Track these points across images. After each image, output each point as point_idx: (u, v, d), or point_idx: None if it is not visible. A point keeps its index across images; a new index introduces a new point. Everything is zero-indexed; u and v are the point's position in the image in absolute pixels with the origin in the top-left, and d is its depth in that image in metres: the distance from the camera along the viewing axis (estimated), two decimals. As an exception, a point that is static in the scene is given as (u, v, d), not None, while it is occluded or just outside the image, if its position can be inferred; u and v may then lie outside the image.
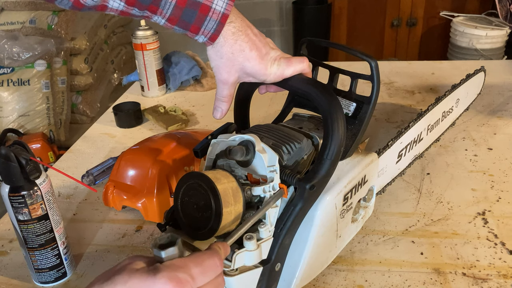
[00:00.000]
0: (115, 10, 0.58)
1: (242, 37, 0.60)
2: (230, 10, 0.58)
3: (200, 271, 0.43)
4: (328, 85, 0.73)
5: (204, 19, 0.58)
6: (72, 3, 0.56)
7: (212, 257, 0.45)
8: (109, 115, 1.28)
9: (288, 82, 0.65)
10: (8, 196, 0.65)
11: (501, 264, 0.72)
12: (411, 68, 1.52)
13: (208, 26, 0.58)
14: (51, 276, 0.72)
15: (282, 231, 0.58)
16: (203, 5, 0.57)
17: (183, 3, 0.57)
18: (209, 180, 0.55)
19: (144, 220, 0.86)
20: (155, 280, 0.41)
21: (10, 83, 2.34)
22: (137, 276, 0.42)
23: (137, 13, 0.58)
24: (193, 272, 0.43)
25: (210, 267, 0.44)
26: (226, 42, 0.60)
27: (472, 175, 0.94)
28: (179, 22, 0.58)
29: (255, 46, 0.61)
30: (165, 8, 0.57)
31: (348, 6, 3.09)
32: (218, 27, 0.58)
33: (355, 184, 0.67)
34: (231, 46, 0.60)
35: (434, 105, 0.91)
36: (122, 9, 0.57)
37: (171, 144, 0.87)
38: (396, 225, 0.81)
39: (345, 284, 0.70)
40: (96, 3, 0.56)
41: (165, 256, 0.43)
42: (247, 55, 0.61)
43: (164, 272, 0.41)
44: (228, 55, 0.61)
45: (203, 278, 0.43)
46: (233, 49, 0.60)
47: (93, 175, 0.96)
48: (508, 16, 2.60)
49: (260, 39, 0.63)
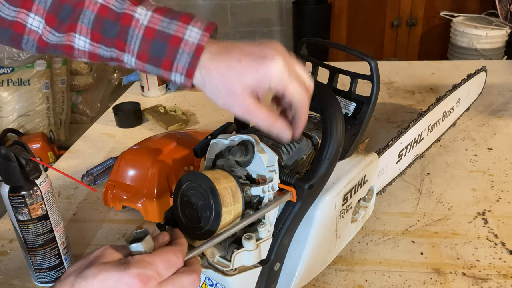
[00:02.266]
0: (82, 51, 0.54)
1: (224, 56, 0.51)
2: (205, 41, 0.51)
3: (165, 267, 0.46)
4: (328, 85, 0.73)
5: (176, 52, 0.51)
6: (37, 43, 0.54)
7: (177, 254, 0.48)
8: (109, 115, 1.28)
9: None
10: (8, 196, 0.65)
11: (501, 264, 0.72)
12: (411, 68, 1.52)
13: (181, 60, 0.51)
14: (51, 276, 0.72)
15: (281, 231, 0.58)
16: (174, 37, 0.51)
17: (151, 35, 0.51)
18: (208, 180, 0.55)
19: (144, 220, 0.86)
20: (124, 274, 0.43)
21: (10, 83, 2.34)
22: (107, 269, 0.44)
23: (105, 53, 0.53)
24: (159, 268, 0.46)
25: (174, 264, 0.47)
26: (208, 72, 0.52)
27: (472, 175, 0.94)
28: (149, 59, 0.52)
29: (244, 53, 0.52)
30: (132, 42, 0.52)
31: (348, 6, 3.08)
32: (193, 61, 0.51)
33: (355, 184, 0.67)
34: (216, 72, 0.51)
35: (435, 105, 0.91)
36: (89, 48, 0.53)
37: (171, 144, 0.87)
38: (396, 225, 0.81)
39: (345, 284, 0.70)
40: (60, 41, 0.53)
41: (133, 251, 0.46)
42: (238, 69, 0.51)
43: (133, 268, 0.44)
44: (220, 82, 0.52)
45: (166, 273, 0.46)
46: (220, 72, 0.51)
47: (93, 175, 0.96)
48: (508, 16, 2.60)
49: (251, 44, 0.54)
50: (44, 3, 0.52)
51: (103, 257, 0.46)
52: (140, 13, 0.52)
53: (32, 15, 0.52)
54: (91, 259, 0.46)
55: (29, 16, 0.52)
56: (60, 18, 0.52)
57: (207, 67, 0.51)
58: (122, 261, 0.45)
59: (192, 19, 0.52)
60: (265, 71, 0.51)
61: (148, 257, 0.45)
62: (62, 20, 0.52)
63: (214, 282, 0.58)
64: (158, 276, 0.45)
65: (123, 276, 0.43)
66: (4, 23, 0.53)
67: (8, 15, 0.53)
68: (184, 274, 0.47)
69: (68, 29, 0.53)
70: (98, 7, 0.52)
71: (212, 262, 0.57)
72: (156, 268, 0.45)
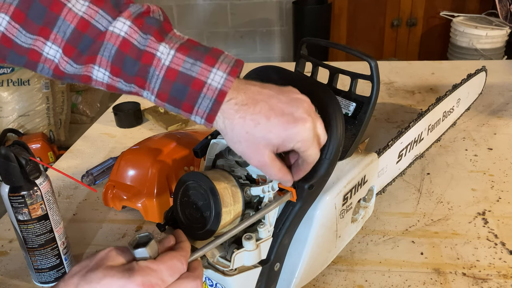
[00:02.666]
0: (100, 82, 0.51)
1: (251, 110, 0.49)
2: (229, 87, 0.48)
3: (170, 274, 0.46)
4: (328, 85, 0.73)
5: (197, 96, 0.48)
6: (53, 71, 0.51)
7: (181, 260, 0.47)
8: (109, 115, 1.28)
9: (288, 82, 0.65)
10: (8, 196, 0.65)
11: (501, 264, 0.72)
12: (411, 68, 1.52)
13: (202, 104, 0.48)
14: (51, 276, 0.72)
15: (281, 231, 0.58)
16: (196, 80, 0.48)
17: (172, 77, 0.48)
18: (208, 180, 0.55)
19: (144, 220, 0.86)
20: (128, 281, 0.43)
21: (10, 83, 2.34)
22: (112, 274, 0.43)
23: (124, 87, 0.51)
24: (164, 275, 0.45)
25: (178, 270, 0.47)
26: (232, 123, 0.49)
27: (472, 175, 0.94)
28: (169, 99, 0.49)
29: (273, 110, 0.49)
30: (153, 82, 0.49)
31: (348, 6, 3.08)
32: (214, 106, 0.48)
33: (354, 184, 0.67)
34: (241, 126, 0.49)
35: (435, 105, 0.91)
36: (107, 81, 0.50)
37: (171, 144, 0.87)
38: (396, 225, 0.81)
39: (345, 284, 0.70)
40: (78, 72, 0.50)
41: (137, 256, 0.45)
42: (266, 126, 0.49)
43: (138, 276, 0.43)
44: (244, 136, 0.49)
45: (171, 279, 0.46)
46: (246, 128, 0.49)
47: (93, 175, 0.96)
48: (508, 16, 2.60)
49: (279, 96, 0.51)
50: (62, 32, 0.49)
51: (107, 260, 0.45)
52: (162, 52, 0.48)
53: (49, 44, 0.49)
54: (95, 260, 0.45)
55: (46, 45, 0.49)
56: (79, 49, 0.49)
57: (231, 117, 0.49)
58: (127, 267, 0.44)
59: (218, 60, 0.48)
60: (293, 135, 0.50)
61: (152, 264, 0.45)
62: (81, 51, 0.49)
63: (214, 282, 0.58)
64: (162, 283, 0.45)
65: (128, 283, 0.43)
66: (19, 50, 0.50)
67: (24, 42, 0.49)
68: (188, 279, 0.47)
69: (87, 60, 0.50)
70: (121, 40, 0.48)
71: (212, 262, 0.57)
72: (161, 275, 0.45)
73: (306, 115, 0.50)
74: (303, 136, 0.50)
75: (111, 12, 0.49)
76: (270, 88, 0.51)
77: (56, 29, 0.49)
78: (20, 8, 0.48)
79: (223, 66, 0.48)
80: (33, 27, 0.49)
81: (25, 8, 0.48)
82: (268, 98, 0.50)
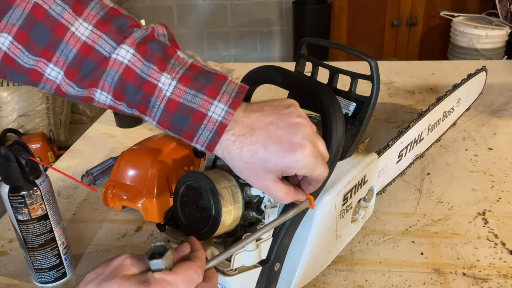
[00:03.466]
0: (102, 104, 0.51)
1: (248, 140, 0.49)
2: (229, 119, 0.48)
3: (186, 286, 0.45)
4: (328, 85, 0.73)
5: (198, 127, 0.48)
6: (55, 91, 0.51)
7: (197, 271, 0.46)
8: (109, 115, 1.28)
9: (288, 82, 0.65)
10: (8, 196, 0.65)
11: (501, 264, 0.72)
12: (411, 68, 1.52)
13: (202, 135, 0.48)
14: (51, 276, 0.72)
15: (281, 231, 0.58)
16: (197, 112, 0.48)
17: (173, 107, 0.48)
18: (208, 180, 0.55)
19: (144, 220, 0.85)
20: None
21: (10, 83, 2.34)
22: (127, 286, 0.43)
23: (126, 110, 0.51)
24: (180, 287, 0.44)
25: (194, 281, 0.46)
26: (230, 154, 0.49)
27: (472, 175, 0.94)
28: (170, 127, 0.49)
29: (271, 139, 0.49)
30: (154, 110, 0.49)
31: (348, 6, 3.08)
32: (214, 138, 0.48)
33: (355, 184, 0.67)
34: (239, 156, 0.49)
35: (435, 105, 0.91)
36: (110, 103, 0.50)
37: (171, 144, 0.87)
38: (396, 225, 0.81)
39: (345, 284, 0.70)
40: (80, 94, 0.50)
41: (153, 268, 0.45)
42: (264, 156, 0.49)
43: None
44: (243, 165, 0.50)
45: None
46: (244, 159, 0.49)
47: (93, 175, 0.96)
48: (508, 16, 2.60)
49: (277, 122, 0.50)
50: (65, 56, 0.48)
51: (123, 269, 0.44)
52: (163, 83, 0.48)
53: (51, 65, 0.49)
54: (110, 268, 0.45)
55: (47, 66, 0.49)
56: (82, 73, 0.49)
57: (229, 148, 0.49)
58: (142, 278, 0.43)
59: (219, 91, 0.48)
60: (292, 163, 0.49)
61: (168, 276, 0.44)
62: (83, 76, 0.49)
63: (214, 282, 0.58)
64: None
65: None
66: (21, 70, 0.50)
67: (26, 63, 0.49)
68: None
69: (90, 85, 0.49)
70: (124, 68, 0.48)
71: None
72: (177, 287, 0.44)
73: (305, 141, 0.50)
74: (304, 163, 0.49)
75: (114, 37, 0.48)
76: (270, 114, 0.50)
77: (59, 52, 0.48)
78: (23, 29, 0.47)
79: (224, 98, 0.48)
80: (36, 48, 0.48)
81: (29, 30, 0.47)
82: (266, 126, 0.49)
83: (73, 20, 0.48)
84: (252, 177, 0.51)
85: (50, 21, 0.47)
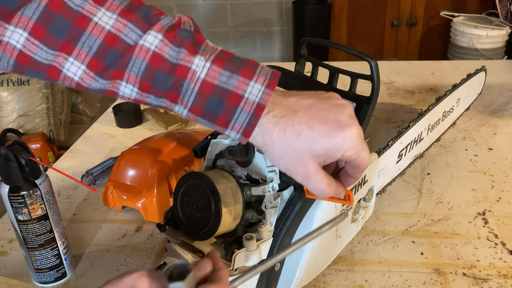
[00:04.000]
0: (127, 98, 0.48)
1: (291, 121, 0.46)
2: (267, 100, 0.45)
3: None
4: (328, 85, 0.73)
5: (234, 110, 0.45)
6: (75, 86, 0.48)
7: None
8: (109, 115, 1.28)
9: (288, 82, 0.65)
10: (8, 196, 0.65)
11: (501, 264, 0.72)
12: (411, 68, 1.52)
13: (239, 119, 0.46)
14: (51, 276, 0.72)
15: (281, 231, 0.58)
16: (233, 94, 0.45)
17: (208, 90, 0.45)
18: (208, 180, 0.55)
19: (144, 220, 0.85)
20: None
21: (10, 83, 2.34)
22: None
23: (154, 102, 0.48)
24: None
25: None
26: (272, 138, 0.46)
27: (472, 175, 0.94)
28: (203, 113, 0.46)
29: (315, 119, 0.46)
30: (187, 96, 0.46)
31: (348, 6, 3.08)
32: (252, 121, 0.45)
33: (355, 184, 0.67)
34: (282, 139, 0.46)
35: (434, 105, 0.91)
36: (135, 97, 0.48)
37: (171, 144, 0.87)
38: (396, 225, 0.81)
39: (345, 284, 0.70)
40: (103, 88, 0.48)
41: None
42: (309, 136, 0.46)
43: None
44: (286, 150, 0.46)
45: None
46: (287, 141, 0.46)
47: (93, 175, 0.96)
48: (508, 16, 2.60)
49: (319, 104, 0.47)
50: (88, 47, 0.46)
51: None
52: (197, 65, 0.46)
53: (71, 60, 0.47)
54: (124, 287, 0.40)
55: (67, 61, 0.47)
56: (106, 63, 0.46)
57: (270, 131, 0.46)
58: None
59: (255, 72, 0.46)
60: (340, 142, 0.46)
61: None
62: (108, 66, 0.47)
63: (214, 282, 0.58)
64: None
65: None
66: (38, 67, 0.47)
67: (44, 59, 0.47)
68: None
69: (114, 75, 0.47)
70: (151, 55, 0.46)
71: (212, 262, 0.57)
72: None
73: (352, 120, 0.47)
74: (352, 142, 0.46)
75: (140, 25, 0.46)
76: (309, 97, 0.48)
77: (80, 44, 0.46)
78: (40, 24, 0.45)
79: (260, 79, 0.46)
80: (54, 42, 0.46)
81: (46, 23, 0.45)
82: (308, 107, 0.47)
83: (95, 10, 0.46)
84: (293, 164, 0.47)
85: (70, 13, 0.45)
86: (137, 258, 0.77)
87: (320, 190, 0.48)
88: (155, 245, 0.80)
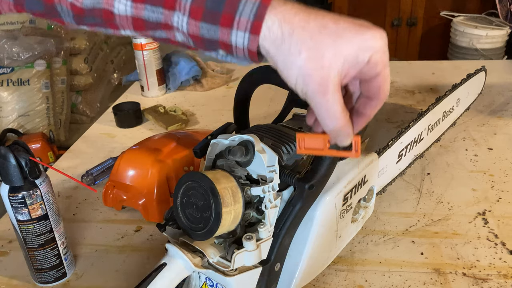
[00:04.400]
0: (124, 18, 0.44)
1: (313, 16, 0.40)
2: None
3: None
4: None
5: (238, 2, 0.39)
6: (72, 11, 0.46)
7: None
8: (109, 115, 1.28)
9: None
10: (8, 196, 0.65)
11: (501, 264, 0.72)
12: (411, 68, 1.52)
13: (245, 11, 0.39)
14: (51, 276, 0.72)
15: (281, 231, 0.58)
16: None
17: None
18: (208, 180, 0.55)
19: (144, 220, 0.85)
20: None
21: (10, 83, 2.34)
22: None
23: (151, 15, 0.43)
24: None
25: None
26: (292, 26, 0.39)
27: (472, 175, 0.94)
28: (204, 14, 0.40)
29: (340, 19, 0.41)
30: None
31: (348, 6, 3.09)
32: (260, 10, 0.39)
33: (355, 184, 0.67)
34: (303, 29, 0.39)
35: (434, 105, 0.91)
36: (131, 12, 0.44)
37: (171, 144, 0.87)
38: (396, 225, 0.81)
39: (345, 284, 0.70)
40: (97, 5, 0.44)
41: None
42: (335, 30, 0.39)
43: None
44: (306, 43, 0.39)
45: None
46: (309, 32, 0.39)
47: (93, 175, 0.96)
48: (508, 16, 2.60)
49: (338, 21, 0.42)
50: None
51: None
52: None
53: None
54: None
55: None
56: None
57: (291, 21, 0.39)
58: None
59: None
60: (370, 39, 0.40)
61: None
62: None
63: (215, 283, 0.58)
64: None
65: None
66: None
67: None
68: None
69: None
70: None
71: (213, 263, 0.57)
72: None
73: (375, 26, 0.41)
74: (382, 43, 0.40)
75: None
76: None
77: None
78: None
79: None
80: None
81: None
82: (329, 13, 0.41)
83: None
84: (312, 65, 0.39)
85: None
86: (137, 258, 0.77)
87: (333, 113, 0.41)
88: (155, 245, 0.80)
